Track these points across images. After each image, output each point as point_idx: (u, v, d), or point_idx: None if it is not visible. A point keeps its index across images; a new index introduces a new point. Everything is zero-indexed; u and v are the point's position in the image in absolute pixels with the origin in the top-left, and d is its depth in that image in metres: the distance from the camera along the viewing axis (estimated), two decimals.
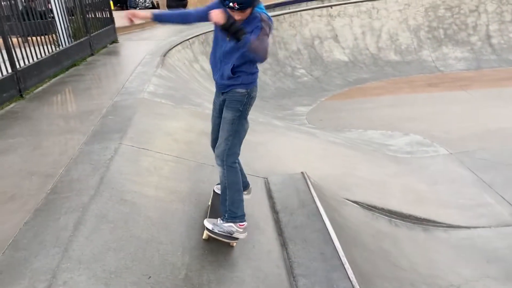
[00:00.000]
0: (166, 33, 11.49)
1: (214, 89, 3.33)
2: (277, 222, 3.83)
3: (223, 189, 3.18)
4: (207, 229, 3.16)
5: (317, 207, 4.01)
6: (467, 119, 8.51)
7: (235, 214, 3.13)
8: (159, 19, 3.26)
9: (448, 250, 4.62)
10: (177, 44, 10.06)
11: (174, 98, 6.48)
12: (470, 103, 9.63)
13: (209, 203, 3.59)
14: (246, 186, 3.55)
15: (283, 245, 3.49)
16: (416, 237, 4.80)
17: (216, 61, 3.08)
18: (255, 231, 3.66)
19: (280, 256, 3.33)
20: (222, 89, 3.11)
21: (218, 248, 3.24)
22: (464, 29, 13.79)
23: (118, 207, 3.31)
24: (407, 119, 8.77)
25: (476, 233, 4.95)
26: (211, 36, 12.48)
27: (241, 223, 3.16)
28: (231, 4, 2.73)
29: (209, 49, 11.27)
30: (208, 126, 3.55)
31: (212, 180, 3.93)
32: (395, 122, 8.60)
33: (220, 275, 2.93)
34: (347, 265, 3.17)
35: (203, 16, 3.04)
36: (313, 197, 4.19)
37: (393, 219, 4.94)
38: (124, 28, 12.27)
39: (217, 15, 2.71)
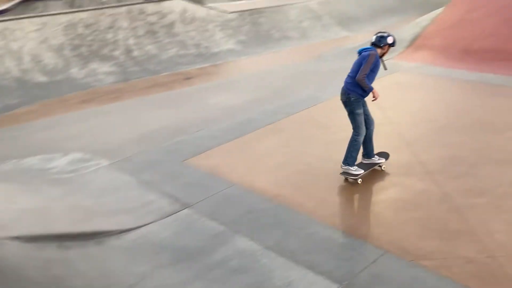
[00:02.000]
0: None
1: None
2: None
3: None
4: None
5: None
6: (123, 127, 8.97)
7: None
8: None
9: (121, 255, 4.74)
10: None
11: None
12: (123, 112, 10.18)
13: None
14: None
15: None
16: (90, 252, 4.74)
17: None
18: None
19: None
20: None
21: None
22: (106, 45, 14.44)
23: None
24: (66, 138, 8.53)
25: (145, 230, 5.27)
26: None
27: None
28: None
29: None
30: None
31: None
32: (53, 144, 8.23)
33: None
34: None
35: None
36: None
37: (63, 242, 4.72)
38: None
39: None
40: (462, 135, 7.25)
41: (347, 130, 6.06)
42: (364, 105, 5.98)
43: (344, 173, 6.04)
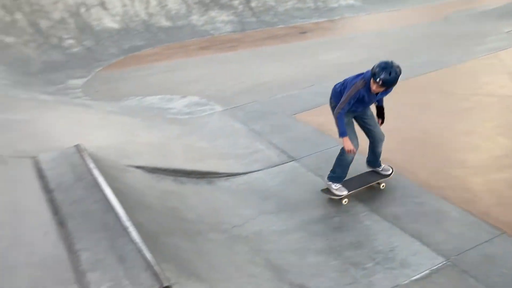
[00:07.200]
0: None
1: None
2: (52, 201, 3.52)
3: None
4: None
5: (95, 178, 3.82)
6: (237, 76, 9.21)
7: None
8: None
9: (230, 197, 4.99)
10: None
11: None
12: (238, 62, 10.43)
13: None
14: None
15: (61, 223, 3.23)
16: (201, 190, 5.05)
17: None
18: (26, 216, 3.29)
19: (58, 235, 3.07)
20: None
21: None
22: None
23: None
24: (184, 82, 9.01)
25: (252, 177, 5.46)
26: None
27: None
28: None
29: None
30: None
31: None
32: (173, 86, 8.74)
33: None
34: (130, 229, 3.12)
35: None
36: (90, 169, 3.98)
37: (178, 177, 5.08)
38: None
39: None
40: None
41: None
42: (362, 117, 4.88)
43: (326, 189, 4.89)
